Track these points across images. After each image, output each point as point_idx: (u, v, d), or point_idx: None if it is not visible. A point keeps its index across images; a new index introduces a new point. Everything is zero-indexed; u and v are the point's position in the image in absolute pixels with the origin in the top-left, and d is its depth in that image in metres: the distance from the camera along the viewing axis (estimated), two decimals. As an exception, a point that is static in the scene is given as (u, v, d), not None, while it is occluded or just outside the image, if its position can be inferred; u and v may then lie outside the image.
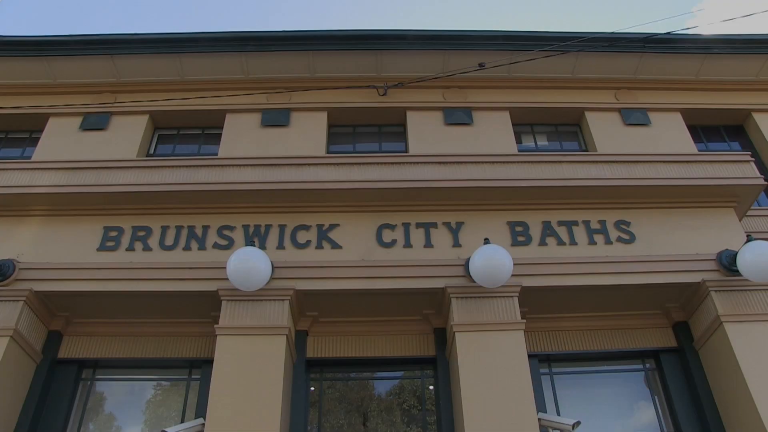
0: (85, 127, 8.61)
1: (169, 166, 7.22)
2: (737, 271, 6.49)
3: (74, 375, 6.86)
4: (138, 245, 6.87)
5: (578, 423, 6.06)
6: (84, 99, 8.88)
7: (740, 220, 7.30)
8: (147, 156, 8.68)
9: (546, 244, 6.87)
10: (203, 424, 5.95)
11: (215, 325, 6.26)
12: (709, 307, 6.58)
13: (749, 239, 6.41)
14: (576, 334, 6.99)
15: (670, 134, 8.70)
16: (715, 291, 6.58)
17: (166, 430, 5.96)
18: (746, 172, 7.22)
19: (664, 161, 7.31)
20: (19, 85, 9.04)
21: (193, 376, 6.91)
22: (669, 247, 6.89)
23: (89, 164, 7.28)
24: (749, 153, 7.49)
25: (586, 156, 7.41)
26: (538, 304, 6.76)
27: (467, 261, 6.47)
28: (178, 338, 6.92)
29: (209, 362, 6.43)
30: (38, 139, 8.69)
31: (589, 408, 6.75)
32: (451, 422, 6.30)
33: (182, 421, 6.55)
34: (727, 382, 6.29)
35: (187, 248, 6.83)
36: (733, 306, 6.48)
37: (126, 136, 8.55)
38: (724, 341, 6.32)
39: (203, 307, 6.70)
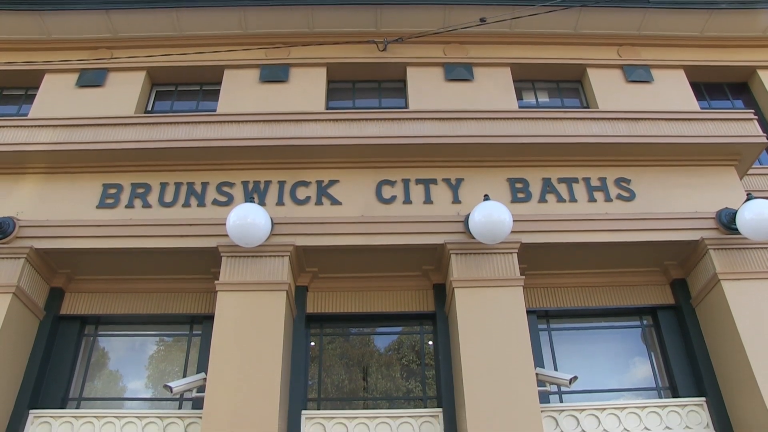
0: (82, 83, 8.51)
1: (167, 123, 7.16)
2: (736, 229, 6.50)
3: (77, 331, 6.94)
4: (137, 202, 6.87)
5: (575, 378, 6.16)
6: (80, 55, 8.76)
7: (741, 179, 7.28)
8: (145, 113, 8.59)
9: (546, 201, 6.86)
10: (205, 379, 6.04)
11: (215, 281, 6.29)
12: (707, 265, 6.60)
13: (749, 198, 6.40)
14: (574, 291, 7.04)
15: (672, 91, 8.59)
16: (714, 249, 6.59)
17: (168, 384, 6.05)
18: (749, 130, 7.17)
19: (665, 119, 7.24)
20: (12, 41, 8.88)
21: (194, 332, 6.99)
22: (669, 204, 6.88)
23: (87, 121, 7.23)
24: (752, 111, 7.42)
25: (587, 113, 7.35)
26: (537, 260, 6.79)
27: (467, 217, 6.46)
28: (178, 294, 6.97)
29: (210, 318, 6.49)
30: (34, 96, 8.60)
31: (586, 363, 6.84)
32: (450, 377, 6.38)
33: (184, 376, 6.65)
34: (723, 340, 6.36)
35: (186, 205, 6.82)
36: (730, 264, 6.51)
37: (123, 92, 8.44)
38: (721, 299, 6.37)
39: (203, 264, 6.72)
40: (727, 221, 6.64)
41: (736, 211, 6.49)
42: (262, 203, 6.73)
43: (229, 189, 6.92)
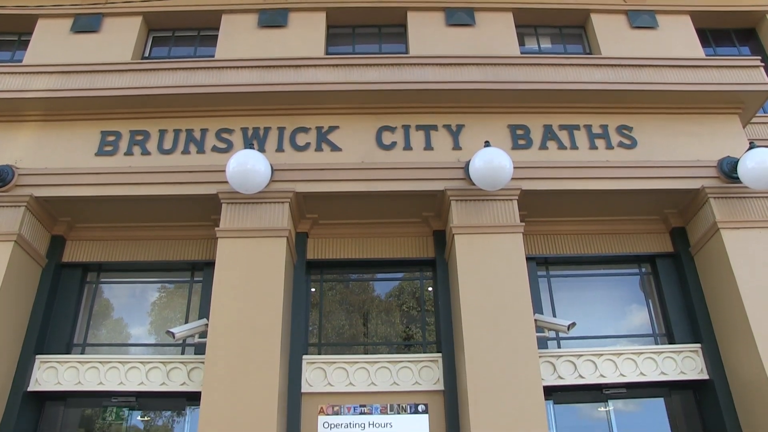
0: (77, 29, 8.34)
1: (165, 69, 7.07)
2: (737, 178, 6.49)
3: (79, 278, 7.00)
4: (136, 149, 6.82)
5: (573, 324, 6.22)
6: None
7: (744, 127, 7.22)
8: (142, 59, 8.46)
9: (547, 148, 6.82)
10: (207, 325, 6.11)
11: (216, 228, 6.31)
12: (707, 213, 6.61)
13: (751, 146, 6.36)
14: (574, 238, 7.07)
15: (677, 38, 8.43)
16: (714, 198, 6.59)
17: (171, 330, 6.12)
18: (754, 77, 7.07)
19: (669, 66, 7.14)
20: (1, -16, 8.69)
21: (195, 279, 7.04)
22: (670, 153, 6.85)
23: (83, 68, 7.12)
24: (759, 58, 7.31)
25: (590, 59, 7.23)
26: (538, 207, 6.79)
27: (467, 164, 6.44)
28: (179, 241, 7.00)
29: (211, 264, 6.54)
30: (28, 42, 8.44)
31: (585, 310, 6.93)
32: (450, 323, 6.45)
33: (186, 322, 6.73)
34: (720, 288, 6.41)
35: (185, 152, 6.78)
36: (730, 213, 6.52)
37: (119, 38, 8.28)
38: (720, 247, 6.39)
39: (204, 211, 6.73)
40: (728, 170, 6.62)
41: (738, 159, 6.46)
42: (261, 150, 6.70)
43: (229, 135, 6.87)
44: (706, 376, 6.41)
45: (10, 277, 6.22)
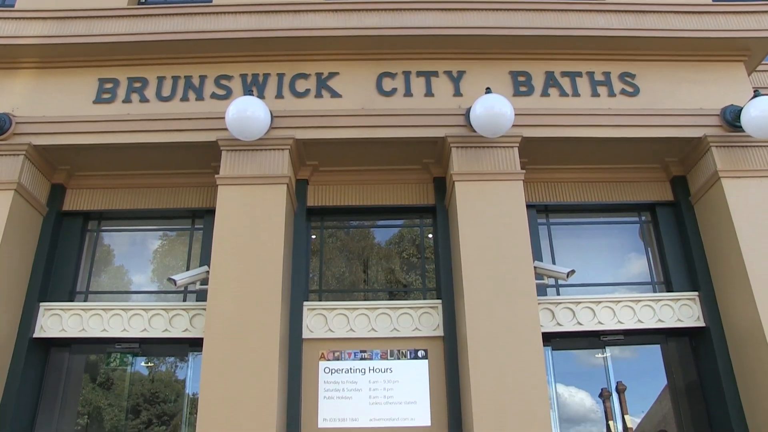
0: (71, -27, 8.17)
1: (162, 15, 6.92)
2: (740, 127, 6.44)
3: (80, 227, 7.02)
4: (134, 97, 6.76)
5: (572, 272, 6.27)
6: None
7: (749, 75, 7.13)
8: (138, 4, 8.27)
9: (548, 95, 6.75)
10: (208, 272, 6.15)
11: (216, 176, 6.29)
12: (708, 162, 6.59)
13: (756, 95, 6.30)
14: (574, 186, 7.06)
15: (682, -17, 8.27)
16: (716, 146, 6.56)
17: (172, 277, 6.17)
18: (762, 23, 6.93)
19: (674, 11, 6.99)
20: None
21: (196, 226, 7.07)
22: (673, 100, 6.78)
23: (79, 13, 6.97)
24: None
25: (593, 4, 7.07)
26: (538, 155, 6.76)
27: (468, 110, 6.38)
28: (180, 189, 7.00)
29: (212, 212, 6.55)
30: (21, -14, 8.28)
31: (584, 258, 6.96)
32: (450, 270, 6.49)
33: (187, 270, 6.77)
34: (719, 237, 6.43)
35: (184, 99, 6.72)
36: (731, 162, 6.50)
37: (114, -18, 8.12)
38: (720, 196, 6.39)
39: (203, 158, 6.71)
40: (731, 118, 6.56)
41: (742, 108, 6.40)
42: (261, 96, 6.63)
43: (228, 82, 6.79)
44: (702, 324, 6.49)
45: (11, 226, 6.24)
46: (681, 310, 6.55)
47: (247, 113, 6.03)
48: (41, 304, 6.50)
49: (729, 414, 6.09)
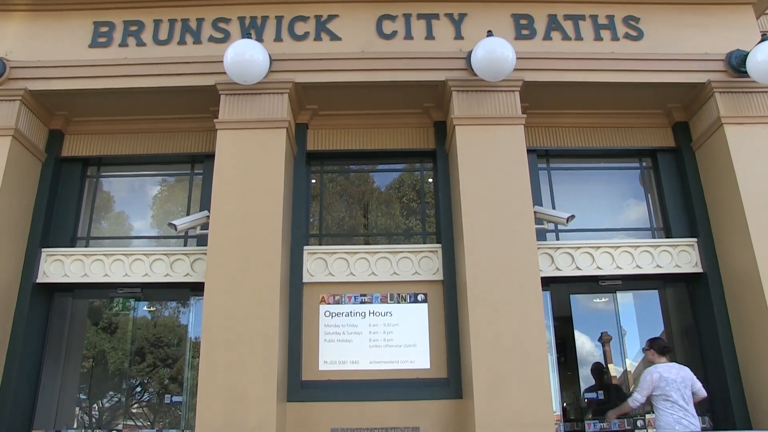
0: None
1: (157, -44, 6.78)
2: (745, 72, 6.36)
3: (79, 172, 7.02)
4: (131, 41, 6.66)
5: (572, 217, 6.27)
6: None
7: (757, 19, 7.00)
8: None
9: (550, 39, 6.64)
10: (208, 217, 6.16)
11: (215, 120, 6.25)
12: (712, 108, 6.53)
13: (763, 39, 6.19)
14: (575, 131, 7.02)
15: None
16: (720, 92, 6.50)
17: (173, 222, 6.18)
18: (774, -37, 6.80)
19: (681, -48, 6.85)
20: None
21: (195, 171, 7.06)
22: (678, 45, 6.68)
23: (71, -47, 6.84)
24: (781, -60, 7.00)
25: (598, -55, 6.94)
26: (540, 99, 6.69)
27: (469, 54, 6.28)
28: (179, 134, 6.96)
29: (211, 157, 6.51)
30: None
31: (584, 203, 6.96)
32: (450, 214, 6.50)
33: (188, 215, 6.77)
34: (720, 183, 6.42)
35: (182, 42, 6.61)
36: (735, 108, 6.45)
37: None
38: (722, 143, 6.36)
39: (202, 102, 6.64)
40: (736, 63, 6.47)
41: (748, 53, 6.31)
42: (259, 39, 6.51)
43: (226, 25, 6.67)
44: (700, 270, 6.54)
45: (10, 172, 6.22)
46: (679, 256, 6.58)
47: (246, 56, 5.94)
48: (43, 249, 6.53)
49: (722, 357, 6.19)
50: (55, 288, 6.60)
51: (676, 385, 5.68)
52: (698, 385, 5.79)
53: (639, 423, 6.40)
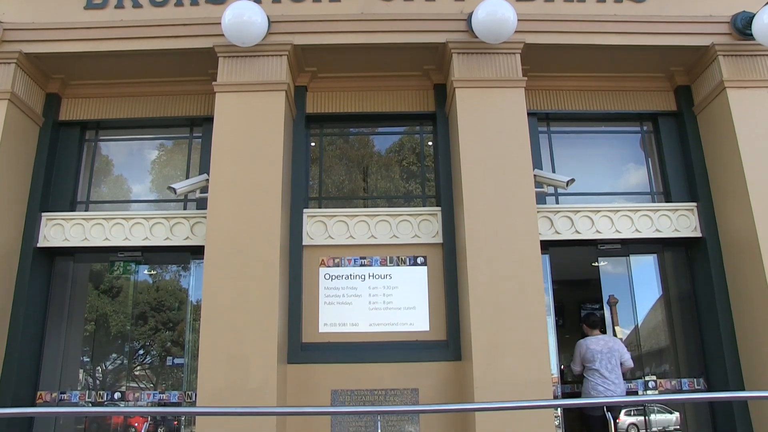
0: None
1: None
2: (751, 35, 6.29)
3: (78, 136, 6.99)
4: (127, 2, 6.56)
5: (572, 180, 6.26)
6: None
7: (766, -21, 6.90)
8: None
9: (552, 0, 6.54)
10: (207, 180, 6.14)
11: (213, 83, 6.20)
12: (715, 71, 6.48)
13: (771, -1, 6.13)
14: (576, 94, 6.97)
15: None
16: (723, 56, 6.44)
17: (172, 186, 6.17)
18: None
19: None
20: None
21: (194, 134, 7.02)
22: (681, 6, 6.58)
23: None
24: None
25: None
26: (541, 62, 6.63)
27: (470, 15, 6.19)
28: (177, 97, 6.91)
29: (210, 120, 6.47)
30: None
31: (584, 167, 6.94)
32: (449, 177, 6.50)
33: (187, 178, 6.75)
34: (721, 148, 6.40)
35: (179, 4, 6.51)
36: (738, 72, 6.40)
37: None
38: (724, 107, 6.32)
39: (200, 65, 6.57)
40: (742, 25, 6.40)
41: (754, 14, 6.23)
42: (257, 1, 6.40)
43: (223, -14, 6.57)
44: (699, 234, 6.56)
45: (7, 136, 6.20)
46: (679, 221, 6.59)
47: (244, 18, 5.88)
48: (43, 214, 6.54)
49: (719, 321, 6.25)
50: (56, 252, 6.62)
51: (601, 355, 6.29)
52: (627, 356, 6.36)
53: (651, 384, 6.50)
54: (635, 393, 6.43)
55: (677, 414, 6.72)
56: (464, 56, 6.25)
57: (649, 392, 6.43)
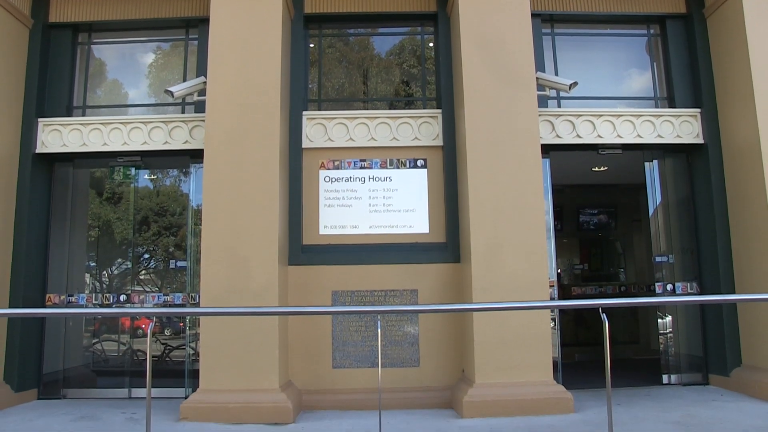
0: None
1: None
2: (768, -70, 6.02)
3: (70, 39, 6.81)
4: None
5: (575, 83, 6.15)
6: None
7: None
8: None
9: None
10: (205, 82, 6.04)
11: (208, -20, 6.00)
12: (728, -29, 6.25)
13: None
14: (583, -6, 6.76)
15: None
16: (739, -47, 6.18)
17: (170, 89, 6.07)
18: None
19: None
20: None
21: (190, 36, 6.84)
22: None
23: None
24: None
25: None
26: (547, -42, 6.40)
27: None
28: (171, -4, 6.70)
29: (206, 21, 6.28)
30: None
31: (588, 71, 6.82)
32: (450, 79, 6.38)
33: (184, 81, 6.63)
34: (730, 53, 6.25)
35: None
36: (754, -28, 6.15)
37: None
38: (737, 9, 6.15)
39: (194, -38, 6.35)
40: None
41: None
42: None
43: None
44: (701, 141, 6.51)
45: (-6, 39, 6.04)
46: (681, 127, 6.53)
47: None
48: (39, 119, 6.47)
49: (716, 227, 6.33)
50: (55, 158, 6.60)
51: None
52: None
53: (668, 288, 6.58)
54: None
55: (670, 317, 6.87)
56: (467, -47, 6.01)
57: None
